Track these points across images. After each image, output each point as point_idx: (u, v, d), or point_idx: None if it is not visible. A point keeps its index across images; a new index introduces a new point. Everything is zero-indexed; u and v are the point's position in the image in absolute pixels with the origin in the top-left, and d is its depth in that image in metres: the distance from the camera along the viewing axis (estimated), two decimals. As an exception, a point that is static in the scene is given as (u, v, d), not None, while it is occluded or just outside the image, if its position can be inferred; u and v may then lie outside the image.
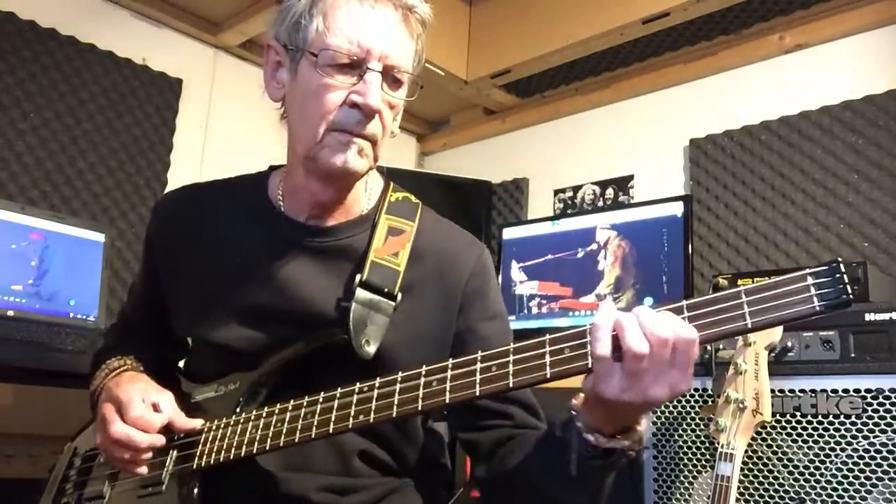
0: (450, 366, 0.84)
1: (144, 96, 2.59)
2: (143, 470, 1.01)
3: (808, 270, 0.70)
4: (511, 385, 0.80)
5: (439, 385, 0.84)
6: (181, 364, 1.25)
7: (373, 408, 0.88)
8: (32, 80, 2.32)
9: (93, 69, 2.47)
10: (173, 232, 1.16)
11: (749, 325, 0.72)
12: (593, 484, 0.89)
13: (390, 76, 1.00)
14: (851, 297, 0.68)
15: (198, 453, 1.01)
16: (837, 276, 0.69)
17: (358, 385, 0.91)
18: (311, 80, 0.99)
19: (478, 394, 0.82)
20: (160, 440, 1.00)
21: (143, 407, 1.01)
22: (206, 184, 1.22)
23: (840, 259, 0.70)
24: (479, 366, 0.83)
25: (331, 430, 0.90)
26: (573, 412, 0.86)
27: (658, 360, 0.73)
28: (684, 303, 0.76)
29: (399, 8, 1.00)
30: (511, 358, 0.81)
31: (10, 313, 1.95)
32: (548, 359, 0.79)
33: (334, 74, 0.98)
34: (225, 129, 2.83)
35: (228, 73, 2.88)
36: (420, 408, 0.85)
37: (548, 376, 0.79)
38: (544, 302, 2.52)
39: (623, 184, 2.78)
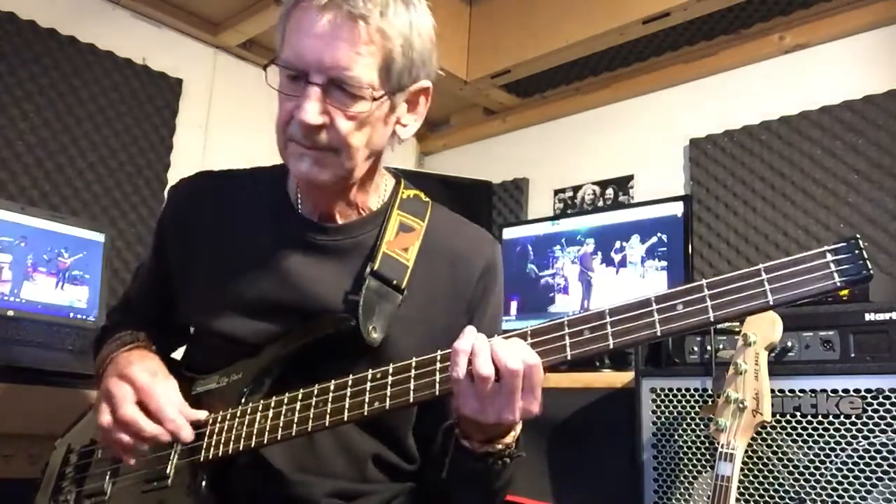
0: None
1: (144, 96, 2.59)
2: (132, 462, 1.00)
3: (826, 247, 0.70)
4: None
5: None
6: (179, 355, 1.23)
7: (388, 394, 0.87)
8: (32, 80, 2.32)
9: (93, 69, 2.47)
10: (188, 218, 1.15)
11: (771, 302, 0.72)
12: (476, 483, 0.96)
13: (341, 88, 0.96)
14: (871, 271, 0.68)
15: (204, 445, 0.99)
16: (857, 251, 0.69)
17: (371, 372, 0.90)
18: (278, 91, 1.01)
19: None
20: (166, 435, 0.99)
21: (166, 396, 1.00)
22: (223, 172, 1.21)
23: (858, 235, 0.71)
24: None
25: (345, 418, 0.89)
26: (455, 420, 0.91)
27: (507, 385, 0.80)
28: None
29: (342, 16, 0.94)
30: (529, 341, 0.83)
31: (10, 313, 1.95)
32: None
33: (287, 86, 0.98)
34: (225, 129, 2.83)
35: (228, 73, 2.88)
36: (437, 392, 0.85)
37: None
38: (544, 303, 2.52)
39: (623, 184, 2.78)
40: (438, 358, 0.86)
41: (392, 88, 1.00)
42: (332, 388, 0.92)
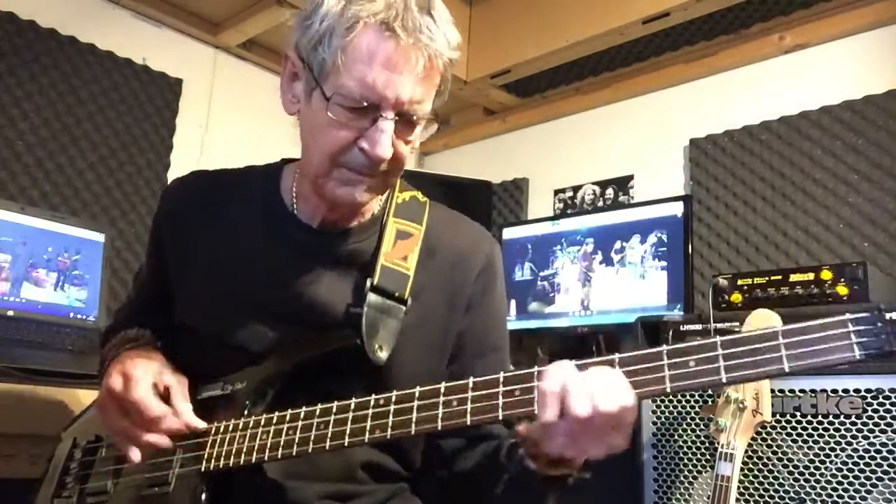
0: (471, 385, 0.83)
1: (144, 96, 2.59)
2: (136, 456, 1.00)
3: (848, 316, 0.68)
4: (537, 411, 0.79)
5: (460, 406, 0.82)
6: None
7: (390, 423, 0.86)
8: (32, 80, 2.32)
9: (93, 69, 2.47)
10: (182, 220, 1.14)
11: (786, 369, 0.69)
12: (532, 499, 0.93)
13: (406, 120, 0.96)
14: (894, 347, 0.66)
15: (206, 455, 0.99)
16: (879, 324, 0.67)
17: (374, 397, 0.89)
18: (322, 114, 0.94)
19: (500, 417, 0.81)
20: (174, 421, 0.99)
21: (147, 390, 0.99)
22: (216, 172, 1.20)
23: (883, 306, 0.68)
24: (501, 388, 0.81)
25: (346, 444, 0.89)
26: (518, 439, 0.88)
27: (600, 426, 0.75)
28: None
29: (424, 55, 0.92)
30: (536, 383, 0.79)
31: (10, 313, 1.95)
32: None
33: (345, 115, 0.93)
34: (225, 129, 2.83)
35: (228, 73, 2.88)
36: (440, 427, 0.83)
37: None
38: (544, 303, 2.52)
39: (623, 184, 2.78)
40: (442, 391, 0.84)
41: (434, 110, 1.01)
42: (334, 409, 0.91)
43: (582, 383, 0.75)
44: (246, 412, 1.00)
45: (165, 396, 1.02)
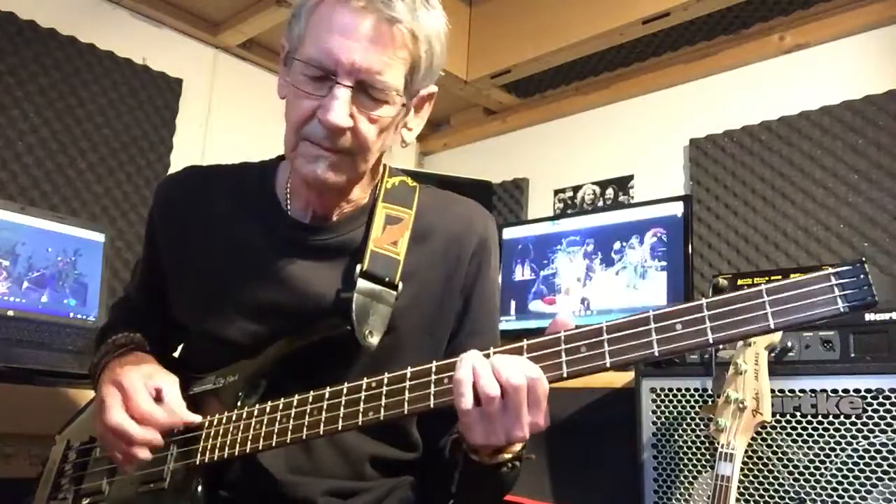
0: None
1: (144, 96, 2.59)
2: (138, 460, 0.99)
3: (831, 270, 0.68)
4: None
5: (451, 383, 0.83)
6: (177, 354, 1.23)
7: (383, 404, 0.87)
8: (32, 80, 2.32)
9: (93, 69, 2.47)
10: (175, 217, 1.14)
11: (772, 326, 0.70)
12: (487, 491, 0.97)
13: (368, 92, 0.96)
14: (876, 297, 0.67)
15: (200, 449, 0.99)
16: (862, 276, 0.67)
17: (366, 381, 0.89)
18: (290, 86, 0.98)
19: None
20: (157, 438, 0.98)
21: (146, 398, 0.99)
22: (211, 168, 1.20)
23: (864, 258, 0.69)
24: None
25: (339, 427, 0.89)
26: (459, 433, 0.90)
27: (513, 401, 0.79)
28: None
29: (381, 19, 0.94)
30: (525, 356, 0.81)
31: (10, 313, 1.95)
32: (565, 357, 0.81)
33: (307, 84, 0.96)
34: (225, 129, 2.83)
35: (228, 73, 2.88)
36: (432, 405, 0.84)
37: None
38: (545, 302, 2.52)
39: (623, 184, 2.78)
40: (433, 369, 0.85)
41: (411, 93, 1.01)
42: (326, 395, 0.91)
43: (488, 366, 0.80)
44: (239, 404, 1.00)
45: (157, 398, 1.01)
